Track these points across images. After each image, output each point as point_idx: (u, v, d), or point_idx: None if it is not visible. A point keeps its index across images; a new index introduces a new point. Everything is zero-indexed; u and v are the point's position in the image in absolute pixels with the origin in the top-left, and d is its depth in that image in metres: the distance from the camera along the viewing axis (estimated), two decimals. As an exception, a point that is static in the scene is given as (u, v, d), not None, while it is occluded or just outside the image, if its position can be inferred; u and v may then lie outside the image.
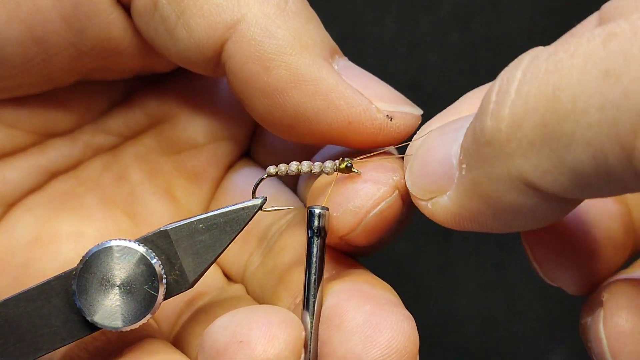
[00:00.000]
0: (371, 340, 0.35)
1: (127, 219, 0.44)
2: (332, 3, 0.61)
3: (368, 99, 0.38)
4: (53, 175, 0.44)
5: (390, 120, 0.38)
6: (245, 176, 0.45)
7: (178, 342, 0.41)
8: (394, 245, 0.58)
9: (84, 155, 0.45)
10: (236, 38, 0.38)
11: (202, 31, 0.38)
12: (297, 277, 0.40)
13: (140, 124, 0.45)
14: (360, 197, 0.37)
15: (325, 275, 0.38)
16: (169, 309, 0.43)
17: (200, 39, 0.38)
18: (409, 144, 0.37)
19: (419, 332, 0.36)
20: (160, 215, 0.44)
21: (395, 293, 0.38)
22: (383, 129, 0.38)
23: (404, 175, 0.37)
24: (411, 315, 0.36)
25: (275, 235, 0.43)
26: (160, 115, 0.45)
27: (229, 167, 0.46)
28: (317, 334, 0.36)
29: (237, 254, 0.44)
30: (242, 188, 0.45)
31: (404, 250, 0.57)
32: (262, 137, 0.46)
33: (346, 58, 0.40)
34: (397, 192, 0.37)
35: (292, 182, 0.45)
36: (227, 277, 0.45)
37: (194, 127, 0.44)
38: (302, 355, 0.35)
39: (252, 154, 0.46)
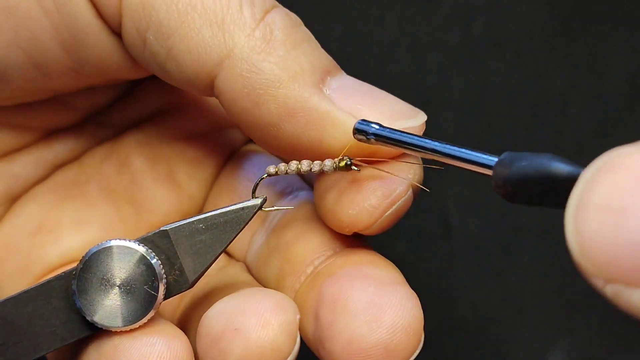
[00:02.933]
0: (376, 320, 0.35)
1: (129, 206, 0.45)
2: (332, 3, 0.61)
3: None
4: (57, 167, 0.45)
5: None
6: (249, 160, 0.45)
7: (180, 325, 0.41)
8: (394, 245, 0.58)
9: (87, 147, 0.45)
10: (224, 75, 0.37)
11: (191, 68, 0.38)
12: (301, 253, 0.40)
13: (141, 117, 0.45)
14: (377, 197, 0.37)
15: (329, 252, 0.38)
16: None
17: (190, 74, 0.38)
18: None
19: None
20: (162, 201, 0.45)
21: (398, 271, 0.38)
22: (381, 149, 0.38)
23: (417, 171, 0.37)
24: (414, 293, 0.37)
25: (279, 214, 0.43)
26: (162, 105, 0.45)
27: (233, 152, 0.46)
28: None
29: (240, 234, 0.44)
30: (246, 172, 0.44)
31: (404, 250, 0.57)
32: None
33: (342, 73, 0.39)
34: (411, 190, 0.37)
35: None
36: (229, 255, 0.45)
37: (197, 116, 0.44)
38: (298, 337, 0.35)
39: None
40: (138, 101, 0.45)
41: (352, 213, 0.37)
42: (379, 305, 0.36)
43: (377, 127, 0.37)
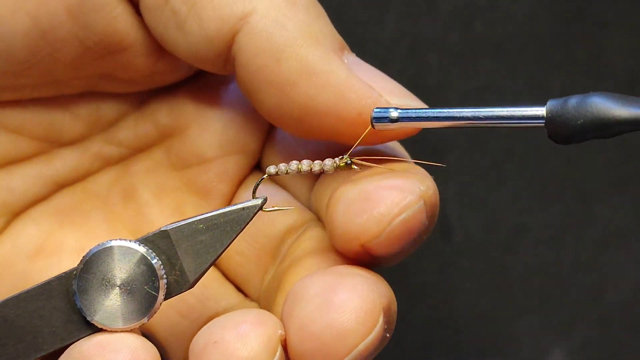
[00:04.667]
0: (327, 303, 0.35)
1: (133, 239, 0.44)
2: (332, 3, 0.61)
3: (378, 91, 0.38)
4: (60, 186, 0.44)
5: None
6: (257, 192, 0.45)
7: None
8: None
9: (91, 166, 0.44)
10: (247, 30, 0.38)
11: (213, 23, 0.38)
12: (292, 279, 0.39)
13: (150, 136, 0.45)
14: (385, 204, 0.36)
15: None
16: (187, 331, 0.42)
17: (211, 31, 0.38)
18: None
19: (418, 331, 0.36)
20: None
21: (370, 271, 0.38)
22: (389, 126, 0.38)
23: (429, 186, 0.37)
24: (380, 281, 0.36)
25: (286, 248, 0.42)
26: (170, 127, 0.44)
27: (240, 182, 0.45)
28: None
29: (253, 272, 0.43)
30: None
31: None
32: (273, 150, 0.45)
33: (354, 54, 0.40)
34: (422, 202, 0.37)
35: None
36: (245, 294, 0.44)
37: (203, 140, 0.44)
38: (279, 352, 0.35)
39: (263, 166, 0.46)
40: (145, 120, 0.44)
41: (360, 222, 0.37)
42: (333, 290, 0.35)
43: (397, 111, 0.37)
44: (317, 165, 0.38)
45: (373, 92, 0.38)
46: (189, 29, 0.38)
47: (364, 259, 0.38)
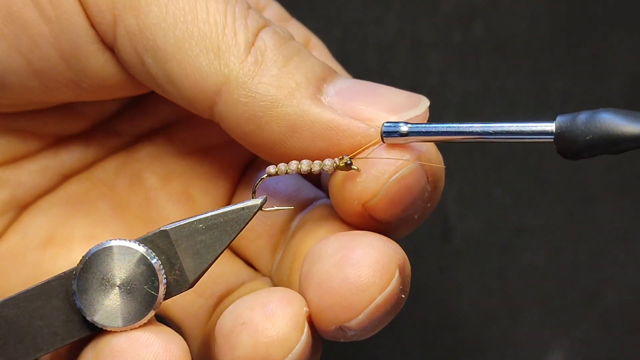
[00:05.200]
0: (344, 258, 0.36)
1: (141, 224, 0.44)
2: (332, 3, 0.61)
3: (366, 123, 0.38)
4: (66, 177, 0.44)
5: None
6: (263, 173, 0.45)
7: (208, 342, 0.42)
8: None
9: (96, 156, 0.45)
10: (223, 102, 0.38)
11: (190, 92, 0.38)
12: (307, 248, 0.40)
13: (153, 124, 0.45)
14: (382, 163, 0.37)
15: None
16: (202, 309, 0.43)
17: (190, 97, 0.38)
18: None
19: (418, 331, 0.37)
20: (176, 219, 0.44)
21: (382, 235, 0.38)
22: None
23: (430, 149, 0.37)
24: (393, 242, 0.37)
25: (295, 223, 0.43)
26: (173, 115, 0.45)
27: (247, 164, 0.45)
28: None
29: (264, 247, 0.44)
30: (264, 186, 0.45)
31: (404, 250, 0.57)
32: None
33: (338, 77, 0.39)
34: (419, 161, 0.37)
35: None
36: (256, 269, 0.45)
37: (210, 126, 0.44)
38: (306, 329, 0.36)
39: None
40: (149, 110, 0.45)
41: (359, 181, 0.37)
42: (349, 247, 0.36)
43: (407, 126, 0.37)
44: (316, 165, 0.38)
45: (360, 126, 0.38)
46: (168, 90, 0.39)
47: (369, 224, 0.39)
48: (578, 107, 0.63)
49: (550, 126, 0.35)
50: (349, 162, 0.38)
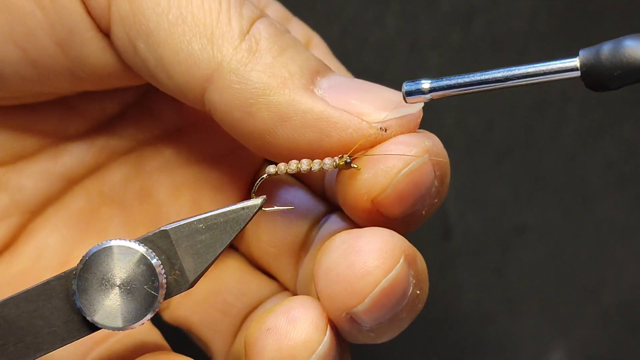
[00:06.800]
0: (350, 247, 0.37)
1: None
2: (331, 3, 0.61)
3: (358, 117, 0.38)
4: (71, 182, 0.44)
5: (385, 131, 0.38)
6: (271, 181, 0.45)
7: (235, 356, 0.43)
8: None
9: (99, 159, 0.44)
10: (214, 88, 0.38)
11: (182, 78, 0.38)
12: None
13: (157, 130, 0.45)
14: (391, 157, 0.37)
15: None
16: (229, 327, 0.44)
17: (181, 84, 0.38)
18: None
19: (418, 331, 0.37)
20: None
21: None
22: (379, 140, 0.38)
23: (436, 143, 0.38)
24: (401, 236, 0.38)
25: (313, 237, 0.43)
26: (178, 121, 0.45)
27: (255, 172, 0.45)
28: None
29: (287, 263, 0.44)
30: (276, 196, 0.45)
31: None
32: None
33: (332, 72, 0.39)
34: (427, 155, 0.37)
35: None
36: (284, 287, 0.45)
37: (216, 133, 0.44)
38: (328, 331, 0.37)
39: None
40: (151, 113, 0.44)
41: (367, 177, 0.37)
42: (355, 237, 0.37)
43: (428, 82, 0.37)
44: (316, 165, 0.38)
45: (352, 119, 0.38)
46: (159, 77, 0.39)
47: (378, 220, 0.39)
48: (578, 106, 0.63)
49: (574, 62, 0.34)
50: (348, 160, 0.37)
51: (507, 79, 0.35)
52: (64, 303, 0.37)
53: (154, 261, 0.37)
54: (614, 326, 0.64)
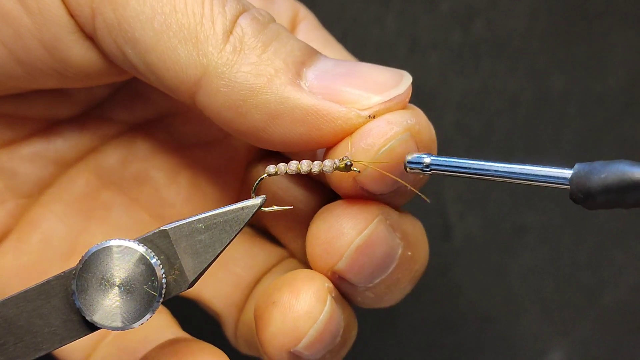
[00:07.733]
0: (330, 215, 0.40)
1: (157, 224, 0.45)
2: (332, 3, 0.61)
3: (346, 106, 0.38)
4: (65, 165, 0.44)
5: (373, 118, 0.38)
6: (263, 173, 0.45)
7: (245, 323, 0.45)
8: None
9: (92, 143, 0.45)
10: (203, 92, 0.38)
11: (171, 83, 0.38)
12: None
13: (148, 113, 0.45)
14: (372, 135, 0.37)
15: None
16: (238, 299, 0.46)
17: (171, 88, 0.39)
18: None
19: (418, 332, 0.37)
20: (190, 215, 0.45)
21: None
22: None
23: (420, 121, 0.38)
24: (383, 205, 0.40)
25: None
26: (169, 105, 0.45)
27: (251, 160, 0.46)
28: None
29: (297, 236, 0.46)
30: (269, 179, 0.45)
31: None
32: None
33: (318, 59, 0.39)
34: (409, 133, 0.38)
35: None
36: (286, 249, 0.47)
37: (207, 118, 0.44)
38: (329, 300, 0.39)
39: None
40: (141, 96, 0.45)
41: (350, 155, 0.38)
42: (336, 205, 0.40)
43: (429, 158, 0.37)
44: (316, 166, 0.38)
45: (341, 110, 0.38)
46: (150, 79, 0.39)
47: (360, 194, 0.39)
48: (578, 106, 0.63)
49: (566, 174, 0.36)
50: (349, 163, 0.37)
51: (499, 174, 0.37)
52: (64, 303, 0.37)
53: (154, 261, 0.37)
54: (614, 326, 0.64)
